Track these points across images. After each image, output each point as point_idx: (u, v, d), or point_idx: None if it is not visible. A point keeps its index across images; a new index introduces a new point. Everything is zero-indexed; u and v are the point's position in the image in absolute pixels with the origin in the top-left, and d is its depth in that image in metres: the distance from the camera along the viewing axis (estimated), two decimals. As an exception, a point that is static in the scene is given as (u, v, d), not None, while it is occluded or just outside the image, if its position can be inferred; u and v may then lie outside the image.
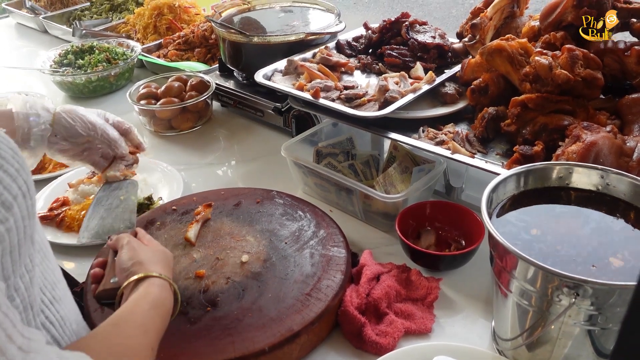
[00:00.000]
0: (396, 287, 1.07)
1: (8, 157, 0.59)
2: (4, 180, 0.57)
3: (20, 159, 0.61)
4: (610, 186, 0.94)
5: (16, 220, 0.57)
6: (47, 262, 0.71)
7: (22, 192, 0.59)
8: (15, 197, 0.57)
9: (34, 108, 1.08)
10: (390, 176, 1.31)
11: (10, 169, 0.58)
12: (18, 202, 0.58)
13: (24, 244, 0.59)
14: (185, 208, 1.30)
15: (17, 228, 0.57)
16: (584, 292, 0.75)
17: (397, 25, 1.60)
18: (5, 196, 0.56)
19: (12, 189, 0.57)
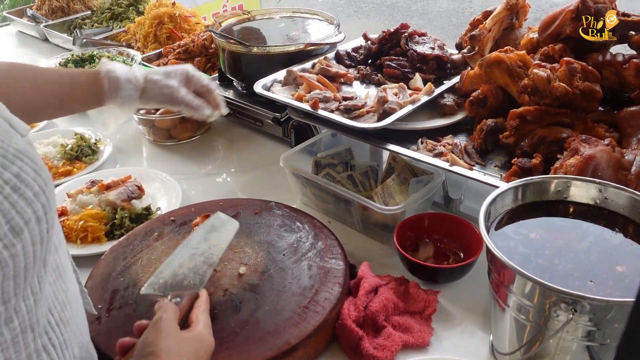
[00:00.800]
0: (394, 300, 1.07)
1: (29, 179, 0.57)
2: (18, 204, 0.55)
3: (42, 181, 0.59)
4: (609, 200, 0.94)
5: (25, 246, 0.55)
6: (62, 282, 0.69)
7: (37, 217, 0.57)
8: (27, 222, 0.56)
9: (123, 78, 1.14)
10: (389, 187, 1.30)
11: (28, 192, 0.56)
12: (30, 227, 0.56)
13: (31, 268, 0.57)
14: (184, 219, 1.30)
15: (24, 254, 0.55)
16: (582, 308, 0.75)
17: (396, 36, 1.61)
18: (17, 221, 0.54)
19: (25, 213, 0.56)
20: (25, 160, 0.58)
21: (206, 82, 1.25)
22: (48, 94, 1.11)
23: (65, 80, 1.14)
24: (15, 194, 0.55)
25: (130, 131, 1.88)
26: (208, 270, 0.99)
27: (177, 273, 0.98)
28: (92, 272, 1.16)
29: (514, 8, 1.48)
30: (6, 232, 0.53)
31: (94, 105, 1.17)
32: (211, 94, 1.26)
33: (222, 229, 1.08)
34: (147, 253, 1.20)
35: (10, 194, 0.55)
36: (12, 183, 0.55)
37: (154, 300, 1.07)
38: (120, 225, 1.34)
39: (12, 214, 0.54)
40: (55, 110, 1.17)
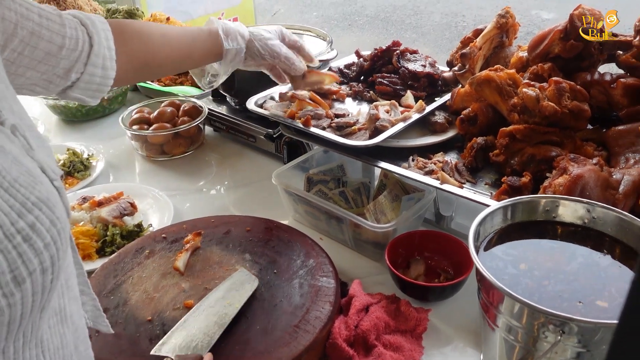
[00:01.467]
0: (385, 319, 1.07)
1: (42, 229, 0.56)
2: (26, 254, 0.54)
3: (56, 231, 0.58)
4: (597, 220, 0.95)
5: (24, 296, 0.54)
6: (60, 326, 0.67)
7: (43, 268, 0.56)
8: (31, 272, 0.54)
9: (232, 34, 1.25)
10: (381, 204, 1.31)
11: (39, 243, 0.55)
12: (33, 278, 0.55)
13: (27, 317, 0.56)
14: (175, 236, 1.30)
15: (23, 303, 0.54)
16: (570, 330, 0.76)
17: (388, 54, 1.62)
18: (20, 271, 0.53)
19: (31, 264, 0.54)
20: (44, 209, 0.57)
21: (298, 39, 1.38)
22: (176, 51, 1.21)
23: (188, 38, 1.23)
24: (25, 244, 0.54)
25: (122, 146, 1.89)
26: (218, 331, 1.00)
27: (188, 334, 0.99)
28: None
29: (504, 27, 1.50)
30: (8, 281, 0.52)
31: (211, 60, 1.29)
32: (303, 50, 1.39)
33: (242, 288, 1.10)
34: (137, 271, 1.20)
35: (20, 243, 0.54)
36: (24, 233, 0.54)
37: (145, 319, 1.07)
38: (111, 242, 1.33)
39: (17, 264, 0.53)
40: (179, 65, 1.27)
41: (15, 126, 0.63)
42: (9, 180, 0.56)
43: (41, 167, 0.62)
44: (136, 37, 1.13)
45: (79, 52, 0.99)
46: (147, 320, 1.07)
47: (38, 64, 0.93)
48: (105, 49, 1.04)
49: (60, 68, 0.98)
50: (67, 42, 0.97)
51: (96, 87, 1.05)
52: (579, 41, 1.27)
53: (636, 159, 1.11)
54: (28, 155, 0.62)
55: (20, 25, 0.88)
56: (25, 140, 0.63)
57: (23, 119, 0.67)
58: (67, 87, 1.02)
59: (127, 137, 1.81)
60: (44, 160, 0.63)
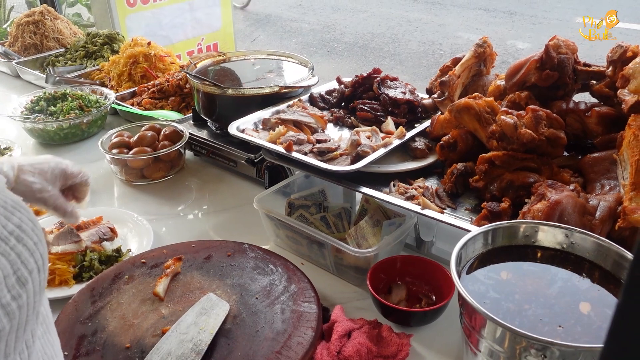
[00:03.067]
0: (367, 345, 1.06)
1: (28, 229, 0.57)
2: (23, 254, 0.55)
3: (38, 231, 0.59)
4: (575, 245, 0.97)
5: (29, 296, 0.55)
6: (48, 334, 0.68)
7: (38, 267, 0.57)
8: (31, 271, 0.56)
9: None
10: (362, 229, 1.31)
11: (29, 242, 0.56)
12: (32, 278, 0.56)
13: (30, 320, 0.57)
14: (155, 261, 1.28)
15: (28, 305, 0.55)
16: (552, 354, 0.76)
17: (369, 81, 1.65)
18: (22, 271, 0.54)
19: (29, 263, 0.56)
20: (22, 211, 0.58)
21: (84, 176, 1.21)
22: None
23: None
24: (20, 245, 0.55)
25: (101, 170, 1.87)
26: (196, 358, 0.99)
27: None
28: (58, 316, 1.13)
29: (482, 56, 1.54)
30: (14, 283, 0.53)
31: None
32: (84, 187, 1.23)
33: (212, 313, 1.09)
34: (116, 297, 1.18)
35: (16, 244, 0.55)
36: (15, 234, 0.55)
37: (124, 346, 1.05)
38: (89, 268, 1.31)
39: (18, 265, 0.54)
40: None
41: None
42: None
43: None
44: None
45: None
46: (125, 347, 1.05)
47: None
48: None
49: None
50: None
51: None
52: (554, 71, 1.31)
53: (611, 186, 1.14)
54: None
55: None
56: None
57: None
58: None
59: (106, 161, 1.79)
60: None
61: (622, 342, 0.35)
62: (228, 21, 4.61)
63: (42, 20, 2.71)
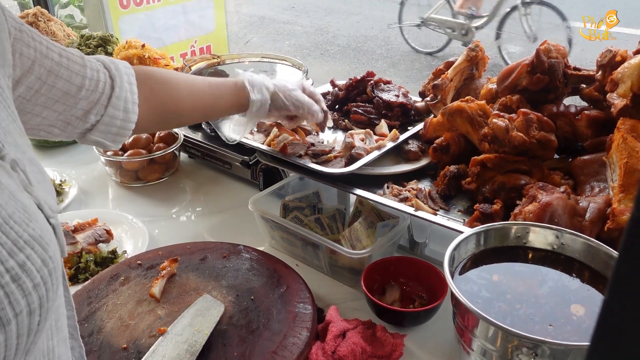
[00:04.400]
0: (362, 344, 1.08)
1: (33, 269, 0.54)
2: (13, 295, 0.52)
3: (47, 271, 0.56)
4: (565, 246, 0.99)
5: (8, 338, 0.52)
6: None
7: (30, 310, 0.54)
8: (17, 314, 0.52)
9: (257, 86, 1.29)
10: (356, 231, 1.33)
11: (28, 283, 0.53)
12: (18, 320, 0.53)
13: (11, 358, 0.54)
14: (151, 262, 1.29)
15: (6, 346, 0.52)
16: (542, 352, 0.78)
17: (363, 84, 1.67)
18: (6, 312, 0.51)
19: (17, 305, 0.52)
20: (36, 247, 0.56)
21: (315, 91, 1.42)
22: (201, 100, 1.22)
23: (214, 88, 1.26)
24: (14, 284, 0.52)
25: (95, 172, 1.87)
26: (190, 358, 1.00)
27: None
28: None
29: (474, 59, 1.56)
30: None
31: (235, 111, 1.31)
32: (320, 102, 1.41)
33: (208, 314, 1.10)
34: (112, 298, 1.18)
35: (9, 283, 0.52)
36: (13, 272, 0.53)
37: (121, 347, 1.06)
38: (84, 269, 1.32)
39: (3, 305, 0.51)
40: (203, 115, 1.32)
41: (16, 161, 0.62)
42: (4, 216, 0.54)
43: (38, 203, 0.61)
44: (161, 86, 1.14)
45: (99, 94, 0.99)
46: (122, 348, 1.06)
47: (55, 103, 0.93)
48: (127, 93, 1.04)
49: (78, 109, 0.97)
50: (86, 82, 0.96)
51: (116, 131, 1.05)
52: (545, 75, 1.33)
53: (601, 188, 1.16)
54: (26, 191, 0.61)
55: (38, 62, 0.87)
56: (24, 175, 0.63)
57: (25, 153, 0.66)
58: (87, 129, 1.02)
59: (101, 163, 1.80)
60: (41, 197, 0.62)
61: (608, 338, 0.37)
62: (221, 23, 4.62)
63: (36, 22, 2.70)
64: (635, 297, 0.34)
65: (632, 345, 0.34)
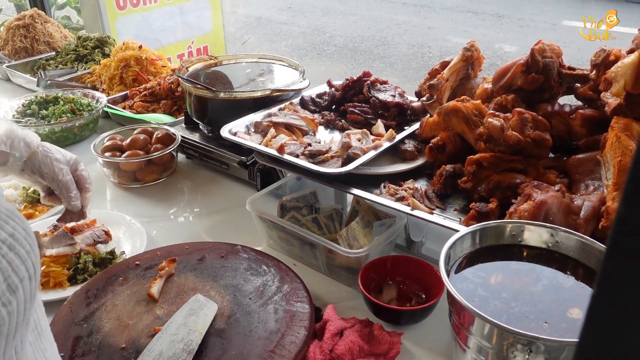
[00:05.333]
0: (359, 343, 1.09)
1: (21, 238, 0.59)
2: (14, 262, 0.56)
3: (31, 240, 0.61)
4: (560, 243, 1.00)
5: (19, 303, 0.56)
6: (40, 341, 0.69)
7: (29, 275, 0.58)
8: (22, 279, 0.57)
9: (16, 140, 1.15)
10: (353, 230, 1.34)
11: (22, 250, 0.58)
12: (23, 285, 0.57)
13: (20, 327, 0.58)
14: (149, 263, 1.29)
15: (18, 312, 0.56)
16: (537, 349, 0.79)
17: (359, 84, 1.68)
18: (13, 279, 0.56)
19: (20, 271, 0.57)
20: (16, 219, 0.60)
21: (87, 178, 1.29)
22: None
23: None
24: (11, 253, 0.56)
25: (93, 173, 1.86)
26: (188, 357, 1.01)
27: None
28: (53, 318, 1.14)
29: (470, 59, 1.57)
30: (4, 290, 0.55)
31: None
32: (86, 192, 1.29)
33: (201, 313, 1.11)
34: (111, 298, 1.19)
35: (7, 252, 0.56)
36: (8, 242, 0.57)
37: (119, 346, 1.06)
38: (83, 270, 1.32)
39: (9, 272, 0.55)
40: None
41: None
42: None
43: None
44: None
45: None
46: (121, 347, 1.06)
47: None
48: None
49: None
50: None
51: None
52: (540, 74, 1.34)
53: (595, 186, 1.18)
54: None
55: None
56: None
57: None
58: None
59: (98, 164, 1.80)
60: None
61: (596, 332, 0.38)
62: (218, 24, 4.62)
63: (33, 24, 2.71)
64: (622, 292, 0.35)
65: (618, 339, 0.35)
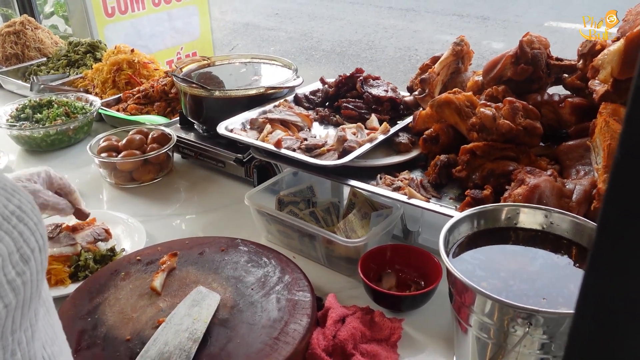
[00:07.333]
0: (361, 329, 1.11)
1: (28, 210, 0.60)
2: (24, 233, 0.58)
3: (37, 213, 0.62)
4: (554, 225, 1.03)
5: (32, 274, 0.57)
6: (49, 316, 0.70)
7: (39, 246, 0.60)
8: (32, 250, 0.58)
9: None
10: (351, 222, 1.36)
11: (30, 222, 0.59)
12: (35, 256, 0.58)
13: (34, 298, 0.59)
14: (150, 258, 1.31)
15: (31, 282, 0.57)
16: (537, 322, 0.82)
17: (352, 80, 1.70)
18: (25, 249, 0.57)
19: (30, 242, 0.58)
20: (21, 193, 0.61)
21: (67, 183, 1.33)
22: None
23: None
24: (21, 224, 0.58)
25: (88, 175, 1.88)
26: (193, 346, 1.02)
27: (163, 351, 1.01)
28: (57, 313, 1.15)
29: (460, 54, 1.60)
30: (17, 260, 0.56)
31: None
32: (72, 195, 1.33)
33: (204, 303, 1.13)
34: (114, 292, 1.20)
35: (17, 224, 0.57)
36: (17, 214, 0.58)
37: (124, 338, 1.07)
38: (84, 267, 1.33)
39: (20, 243, 0.57)
40: None
41: None
42: None
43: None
44: None
45: None
46: (126, 339, 1.07)
47: None
48: None
49: None
50: None
51: None
52: (529, 65, 1.38)
53: (586, 171, 1.21)
54: None
55: None
56: None
57: None
58: None
59: (94, 165, 1.81)
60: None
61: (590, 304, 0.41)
62: (207, 30, 4.64)
63: (23, 30, 2.72)
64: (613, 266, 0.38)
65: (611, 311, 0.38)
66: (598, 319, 0.41)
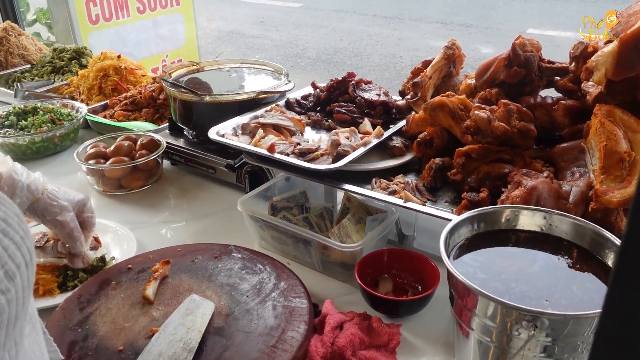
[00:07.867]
0: (359, 335, 1.09)
1: (14, 223, 0.56)
2: (10, 248, 0.54)
3: (24, 226, 0.58)
4: (553, 226, 1.02)
5: (17, 291, 0.54)
6: (35, 333, 0.67)
7: (25, 261, 0.56)
8: (18, 266, 0.54)
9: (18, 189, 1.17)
10: (345, 227, 1.34)
11: (16, 236, 0.55)
12: (20, 272, 0.55)
13: (20, 316, 0.56)
14: (142, 266, 1.28)
15: (17, 299, 0.54)
16: (542, 324, 0.80)
17: (344, 84, 1.69)
18: (10, 265, 0.53)
19: (16, 257, 0.55)
20: (8, 205, 0.57)
21: (94, 221, 1.34)
22: None
23: None
24: (6, 238, 0.54)
25: (75, 183, 1.84)
26: (188, 356, 1.00)
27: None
28: (46, 324, 1.12)
29: (451, 57, 1.60)
30: (2, 277, 0.52)
31: None
32: (90, 231, 1.34)
33: (198, 312, 1.10)
34: (105, 302, 1.17)
35: (2, 238, 0.54)
36: (1, 227, 0.54)
37: (117, 349, 1.04)
38: (73, 277, 1.30)
39: (5, 259, 0.53)
40: None
41: None
42: None
43: None
44: None
45: None
46: (118, 350, 1.04)
47: None
48: None
49: None
50: None
51: None
52: (522, 68, 1.38)
53: (581, 172, 1.21)
54: None
55: None
56: None
57: None
58: None
59: (82, 173, 1.78)
60: None
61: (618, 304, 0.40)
62: (192, 37, 4.62)
63: (6, 37, 2.67)
64: None
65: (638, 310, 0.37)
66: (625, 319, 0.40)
